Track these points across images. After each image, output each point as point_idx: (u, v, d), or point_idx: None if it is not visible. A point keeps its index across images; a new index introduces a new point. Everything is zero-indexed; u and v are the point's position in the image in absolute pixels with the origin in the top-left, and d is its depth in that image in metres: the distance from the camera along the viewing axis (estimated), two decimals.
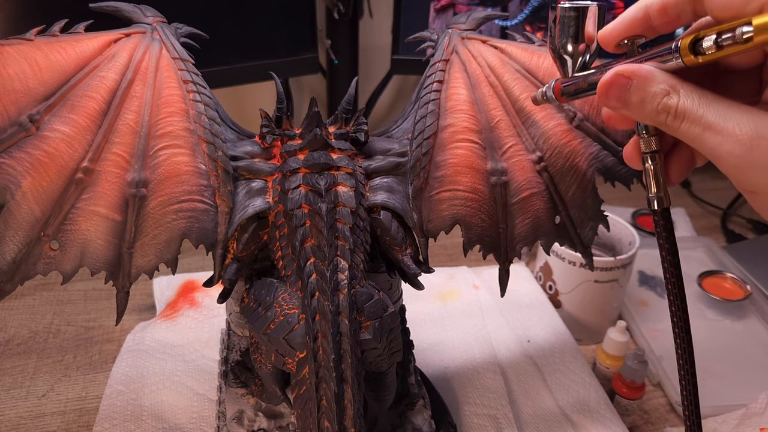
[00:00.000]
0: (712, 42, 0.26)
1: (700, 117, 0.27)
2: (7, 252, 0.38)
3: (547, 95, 0.36)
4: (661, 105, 0.28)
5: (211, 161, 0.40)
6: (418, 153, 0.42)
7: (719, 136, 0.26)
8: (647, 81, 0.28)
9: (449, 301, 0.72)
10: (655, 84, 0.28)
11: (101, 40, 0.40)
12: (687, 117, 0.27)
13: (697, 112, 0.27)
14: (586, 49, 0.34)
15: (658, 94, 0.28)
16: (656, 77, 0.28)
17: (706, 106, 0.27)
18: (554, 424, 0.57)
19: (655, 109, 0.28)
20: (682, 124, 0.28)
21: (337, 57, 0.95)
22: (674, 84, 0.28)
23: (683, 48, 0.27)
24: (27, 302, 0.72)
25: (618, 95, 0.29)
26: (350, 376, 0.36)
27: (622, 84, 0.29)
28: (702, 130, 0.27)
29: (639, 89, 0.29)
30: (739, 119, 0.26)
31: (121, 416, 0.54)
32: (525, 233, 0.44)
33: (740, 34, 0.25)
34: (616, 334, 0.61)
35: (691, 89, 0.28)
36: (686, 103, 0.27)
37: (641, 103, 0.29)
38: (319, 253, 0.38)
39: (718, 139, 0.26)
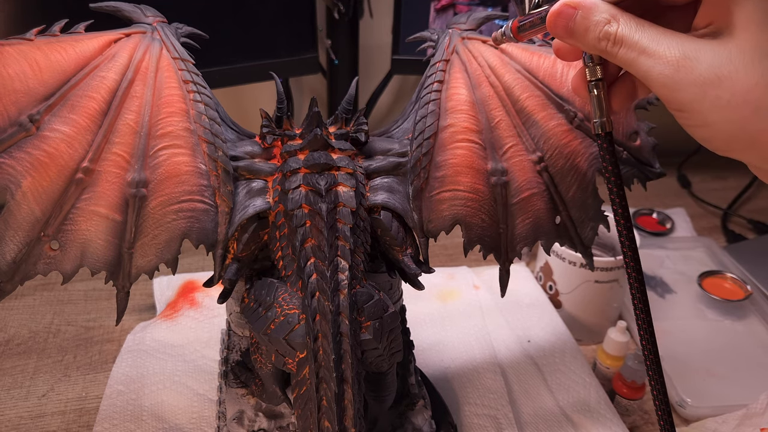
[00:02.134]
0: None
1: (636, 42, 0.30)
2: (7, 252, 0.38)
3: (506, 33, 0.38)
4: (602, 32, 0.31)
5: (211, 161, 0.40)
6: (419, 153, 0.42)
7: (651, 59, 0.29)
8: (591, 10, 0.31)
9: (449, 301, 0.72)
10: (597, 13, 0.31)
11: (101, 40, 0.40)
12: (624, 43, 0.30)
13: (633, 38, 0.30)
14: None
15: (600, 23, 0.31)
16: (599, 7, 0.31)
17: (641, 33, 0.30)
18: (554, 424, 0.57)
19: (597, 36, 0.31)
20: (620, 49, 0.30)
21: (337, 57, 0.95)
22: (615, 13, 0.31)
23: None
24: (27, 302, 0.72)
25: (564, 24, 0.32)
26: (350, 377, 0.36)
27: (569, 14, 0.31)
28: (637, 55, 0.30)
29: (584, 18, 0.31)
30: (669, 43, 0.29)
31: (121, 416, 0.54)
32: (525, 233, 0.44)
33: None
34: (616, 334, 0.61)
35: (629, 18, 0.30)
36: (624, 30, 0.30)
37: (585, 32, 0.31)
38: (319, 254, 0.38)
39: (650, 62, 0.30)
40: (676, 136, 0.46)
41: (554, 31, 0.32)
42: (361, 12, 0.94)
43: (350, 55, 0.97)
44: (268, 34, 0.82)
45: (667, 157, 0.32)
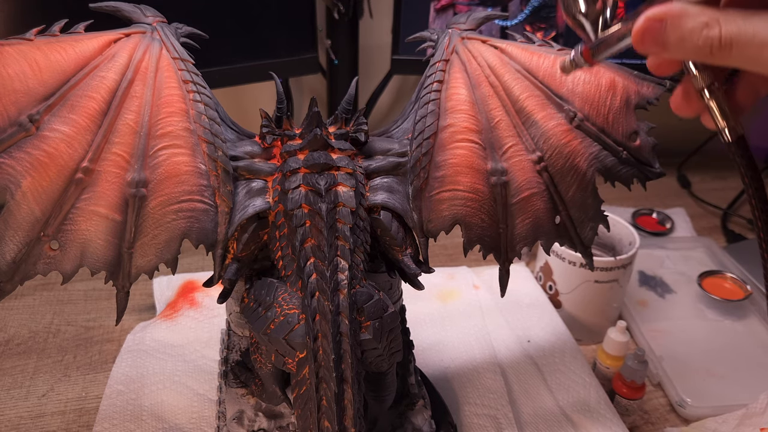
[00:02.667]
0: None
1: (752, 36, 0.25)
2: (7, 252, 0.38)
3: (576, 60, 0.35)
4: (703, 38, 0.26)
5: (211, 161, 0.40)
6: (418, 153, 0.42)
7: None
8: (682, 18, 0.27)
9: (449, 301, 0.72)
10: (691, 19, 0.27)
11: (101, 40, 0.40)
12: (735, 42, 0.26)
13: (746, 32, 0.25)
14: (603, 5, 0.32)
15: (697, 28, 0.27)
16: (690, 11, 0.27)
17: (755, 24, 0.25)
18: (554, 424, 0.57)
19: (698, 44, 0.27)
20: (733, 51, 0.26)
21: (337, 57, 0.95)
22: (711, 14, 0.26)
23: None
24: (27, 302, 0.72)
25: (655, 39, 0.28)
26: (350, 376, 0.36)
27: (657, 29, 0.28)
28: (759, 47, 0.25)
29: (675, 28, 0.27)
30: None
31: (121, 416, 0.54)
32: (525, 233, 0.44)
33: None
34: (616, 334, 0.61)
35: (729, 14, 0.26)
36: (730, 29, 0.26)
37: (681, 42, 0.27)
38: (319, 253, 0.38)
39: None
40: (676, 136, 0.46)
41: (644, 49, 0.29)
42: (361, 12, 0.94)
43: (350, 55, 0.97)
44: (268, 34, 0.82)
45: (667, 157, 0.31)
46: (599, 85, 0.44)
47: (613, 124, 0.44)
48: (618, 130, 0.44)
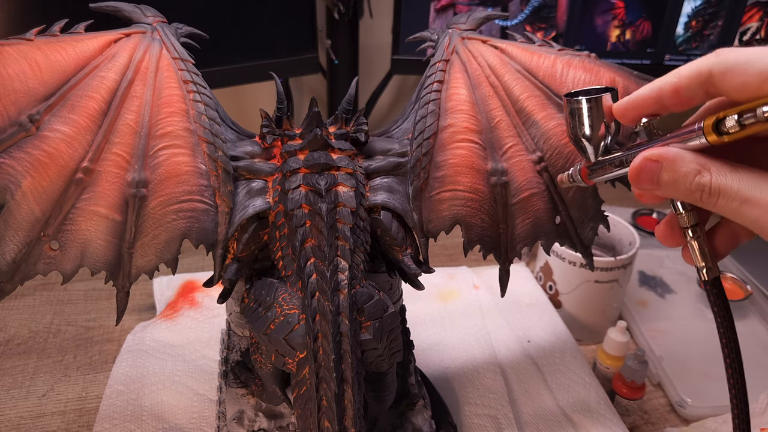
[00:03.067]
0: (735, 122, 0.26)
1: (736, 192, 0.27)
2: (7, 252, 0.38)
3: (574, 178, 0.37)
4: (695, 184, 0.28)
5: (211, 161, 0.40)
6: (419, 153, 0.42)
7: (758, 208, 0.27)
8: (676, 162, 0.29)
9: (449, 301, 0.72)
10: (684, 164, 0.29)
11: (101, 40, 0.40)
12: (722, 193, 0.28)
13: (732, 186, 0.27)
14: (606, 132, 0.34)
15: (690, 174, 0.28)
16: (684, 157, 0.29)
17: (741, 180, 0.27)
18: (554, 424, 0.57)
19: (688, 188, 0.29)
20: (719, 200, 0.28)
21: (337, 57, 0.95)
22: (704, 162, 0.28)
23: (707, 128, 0.27)
24: (27, 302, 0.72)
25: (649, 178, 0.30)
26: (350, 377, 0.36)
27: (652, 169, 0.29)
28: (740, 204, 0.27)
29: (670, 171, 0.29)
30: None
31: (121, 416, 0.54)
32: (525, 233, 0.44)
33: (762, 114, 0.25)
34: (616, 334, 0.61)
35: (721, 165, 0.28)
36: (719, 180, 0.28)
37: (674, 183, 0.29)
38: (319, 254, 0.38)
39: (758, 212, 0.27)
40: None
41: (638, 185, 0.30)
42: (361, 12, 0.94)
43: (350, 55, 0.97)
44: (268, 34, 0.82)
45: None
46: (599, 85, 0.43)
47: None
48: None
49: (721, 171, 0.28)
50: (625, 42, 0.88)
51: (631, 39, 0.87)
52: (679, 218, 0.32)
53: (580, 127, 0.34)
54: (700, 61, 0.28)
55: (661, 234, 0.34)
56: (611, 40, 0.88)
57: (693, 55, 0.88)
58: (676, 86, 0.29)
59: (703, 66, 0.28)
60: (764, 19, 0.86)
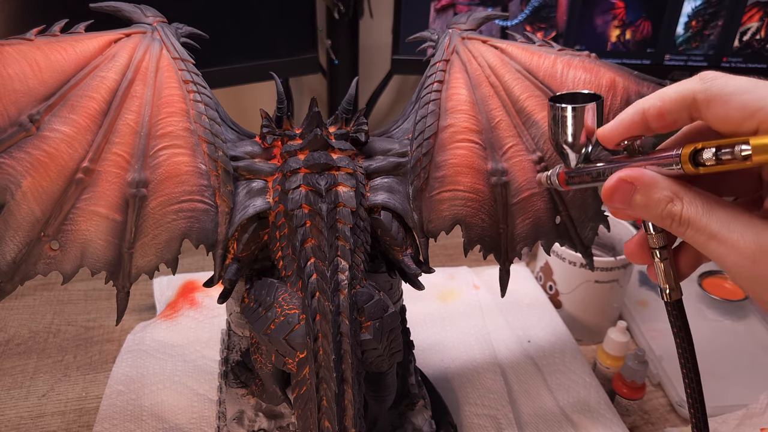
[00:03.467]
0: (712, 155, 0.26)
1: (705, 226, 0.27)
2: (7, 252, 0.38)
3: (552, 181, 0.38)
4: (665, 211, 0.28)
5: (211, 161, 0.40)
6: (419, 153, 0.42)
7: (723, 246, 0.27)
8: (650, 187, 0.29)
9: (449, 301, 0.72)
10: (658, 191, 0.29)
11: (101, 40, 0.40)
12: (691, 225, 0.28)
13: (700, 221, 0.27)
14: (587, 141, 0.34)
15: (662, 201, 0.28)
16: (659, 183, 0.29)
17: (710, 215, 0.27)
18: (554, 424, 0.56)
19: (659, 214, 0.29)
20: (687, 230, 0.28)
21: (337, 57, 0.95)
22: (677, 190, 0.28)
23: (684, 157, 0.27)
24: (27, 302, 0.72)
25: (622, 198, 0.30)
26: (351, 377, 0.36)
27: (626, 189, 0.30)
28: (707, 239, 0.27)
29: (643, 194, 0.29)
30: (743, 231, 0.26)
31: (121, 416, 0.54)
32: (525, 233, 0.44)
33: (738, 152, 0.25)
34: (616, 334, 0.61)
35: (694, 196, 0.28)
36: (690, 211, 0.28)
37: (646, 207, 0.29)
38: (319, 254, 0.38)
39: (722, 250, 0.27)
40: None
41: (611, 204, 0.31)
42: (361, 12, 0.94)
43: (350, 55, 0.97)
44: (268, 34, 0.82)
45: None
46: (599, 85, 0.43)
47: None
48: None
49: (693, 202, 0.28)
50: (625, 42, 0.88)
51: (631, 39, 0.87)
52: (649, 238, 0.32)
53: (562, 134, 0.34)
54: (685, 86, 0.28)
55: (630, 252, 0.34)
56: (611, 40, 0.88)
57: (693, 55, 0.88)
58: (660, 110, 0.29)
59: (688, 91, 0.28)
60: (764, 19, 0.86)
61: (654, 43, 0.87)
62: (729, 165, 0.26)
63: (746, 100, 0.26)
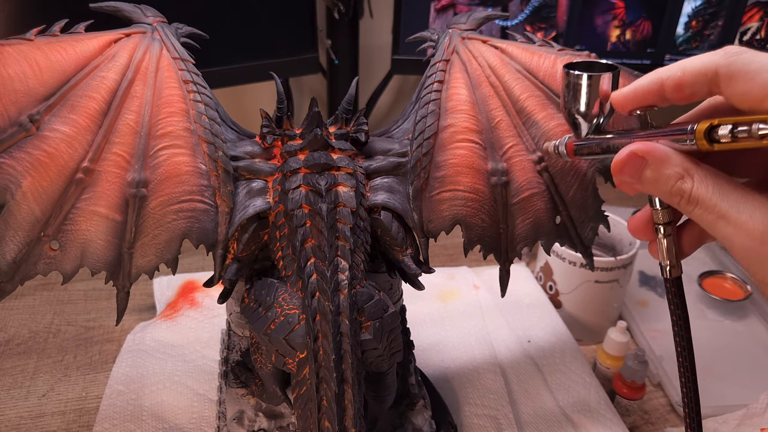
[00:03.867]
0: (728, 131, 0.25)
1: (714, 205, 0.27)
2: (8, 252, 0.38)
3: (559, 150, 0.37)
4: (675, 188, 0.28)
5: (211, 161, 0.40)
6: (419, 153, 0.42)
7: (732, 226, 0.26)
8: (662, 162, 0.28)
9: (449, 301, 0.72)
10: (669, 166, 0.28)
11: (101, 40, 0.40)
12: (700, 203, 0.27)
13: (710, 200, 0.27)
14: (599, 111, 0.34)
15: (672, 177, 0.28)
16: (671, 159, 0.28)
17: (720, 195, 0.27)
18: (554, 424, 0.56)
19: (669, 191, 0.28)
20: (696, 209, 0.28)
21: (337, 57, 0.95)
22: (689, 167, 0.28)
23: (699, 133, 0.27)
24: (27, 302, 0.72)
25: (632, 172, 0.30)
26: (351, 377, 0.36)
27: (637, 164, 0.29)
28: (715, 218, 0.27)
29: (653, 169, 0.29)
30: (753, 212, 0.26)
31: (121, 416, 0.54)
32: (525, 233, 0.44)
33: (756, 130, 0.24)
34: (616, 334, 0.61)
35: (705, 174, 0.28)
36: (700, 190, 0.27)
37: (655, 182, 0.29)
38: (319, 254, 0.38)
39: (730, 229, 0.27)
40: None
41: (620, 177, 0.30)
42: (361, 12, 0.94)
43: (350, 55, 0.97)
44: (268, 34, 0.82)
45: None
46: None
47: (613, 124, 0.44)
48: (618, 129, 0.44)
49: (704, 180, 0.28)
50: (625, 42, 0.88)
51: (631, 39, 0.87)
52: (654, 213, 0.32)
53: (575, 102, 0.34)
54: (707, 58, 0.28)
55: (633, 226, 0.34)
56: (611, 40, 0.88)
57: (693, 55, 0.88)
58: (680, 81, 0.29)
59: (710, 64, 0.27)
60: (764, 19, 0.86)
61: (654, 43, 0.87)
62: (745, 143, 0.25)
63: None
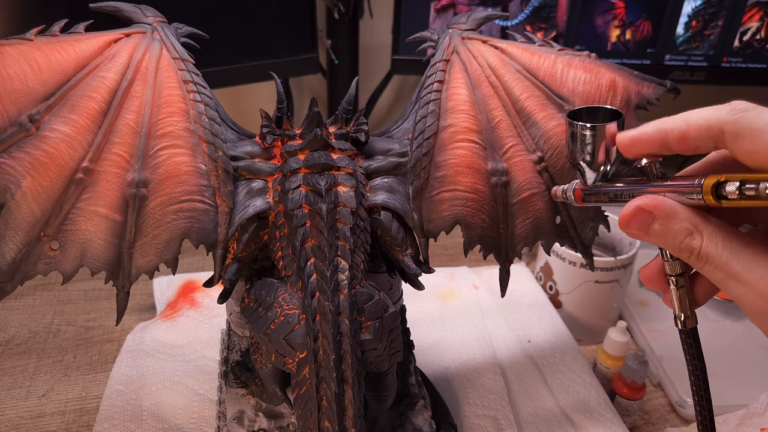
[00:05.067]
0: (736, 188, 0.25)
1: (724, 264, 0.27)
2: (7, 252, 0.38)
3: (567, 195, 0.37)
4: (684, 244, 0.28)
5: (211, 161, 0.40)
6: (419, 153, 0.42)
7: (743, 286, 0.26)
8: (670, 218, 0.28)
9: (449, 301, 0.72)
10: (677, 222, 0.28)
11: (101, 40, 0.40)
12: (710, 261, 0.27)
13: (720, 258, 0.27)
14: (606, 159, 0.33)
15: (681, 233, 0.28)
16: (679, 214, 0.28)
17: (731, 253, 0.27)
18: (554, 424, 0.56)
19: (677, 246, 0.28)
20: (706, 266, 0.27)
21: (337, 57, 0.95)
22: (697, 223, 0.27)
23: (706, 188, 0.26)
24: (27, 302, 0.72)
25: (640, 226, 0.29)
26: (350, 377, 0.36)
27: (644, 218, 0.29)
28: (725, 277, 0.27)
29: (661, 224, 0.28)
30: (764, 272, 0.26)
31: (121, 416, 0.54)
32: (525, 233, 0.44)
33: (764, 189, 0.24)
34: (616, 334, 0.61)
35: (714, 231, 0.27)
36: (710, 247, 0.27)
37: (664, 237, 0.28)
38: (319, 254, 0.38)
39: (741, 289, 0.26)
40: None
41: (627, 230, 0.30)
42: (361, 12, 0.94)
43: (350, 55, 0.97)
44: (268, 34, 0.82)
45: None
46: (600, 85, 0.43)
47: None
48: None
49: (713, 237, 0.27)
50: (625, 42, 0.88)
51: (631, 39, 0.87)
52: (666, 264, 0.32)
53: (580, 152, 0.34)
54: (713, 114, 0.27)
55: (646, 277, 0.33)
56: (611, 40, 0.88)
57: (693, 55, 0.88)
58: (684, 134, 0.28)
59: (715, 121, 0.27)
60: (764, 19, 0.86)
61: (654, 43, 0.87)
62: (753, 201, 0.25)
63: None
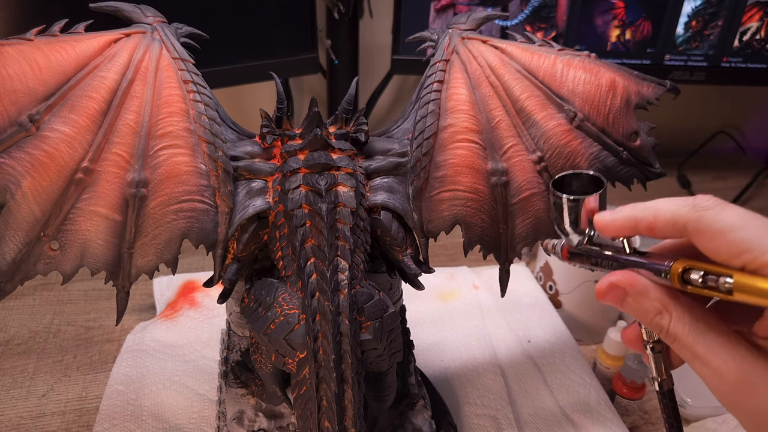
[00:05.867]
0: (699, 277, 0.26)
1: (690, 345, 0.28)
2: (7, 252, 0.38)
3: (556, 251, 0.38)
4: (654, 321, 0.29)
5: (211, 161, 0.40)
6: (419, 153, 0.42)
7: (707, 368, 0.27)
8: (641, 296, 0.29)
9: (449, 301, 0.72)
10: (648, 300, 0.29)
11: (101, 40, 0.40)
12: (677, 341, 0.28)
13: (686, 339, 0.28)
14: (588, 227, 0.34)
15: (651, 311, 0.29)
16: (649, 293, 0.29)
17: (696, 335, 0.28)
18: (554, 424, 0.57)
19: (648, 322, 0.30)
20: (674, 343, 0.29)
21: (337, 57, 0.95)
22: (667, 303, 0.29)
23: (673, 273, 0.27)
24: (27, 302, 0.72)
25: (614, 300, 0.31)
26: (350, 377, 0.36)
27: (618, 293, 0.30)
28: (691, 357, 0.28)
29: (633, 301, 0.30)
30: (726, 357, 0.27)
31: (121, 416, 0.54)
32: (525, 233, 0.44)
33: (723, 283, 0.25)
34: (616, 334, 0.61)
35: (682, 312, 0.28)
36: (677, 328, 0.28)
37: (635, 312, 0.30)
38: (319, 254, 0.38)
39: (706, 371, 0.27)
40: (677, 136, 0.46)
41: (603, 301, 0.31)
42: (361, 12, 0.94)
43: (350, 55, 0.97)
44: (268, 34, 0.82)
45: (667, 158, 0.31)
46: (600, 85, 0.44)
47: (613, 124, 0.44)
48: (618, 131, 0.44)
49: (681, 318, 0.28)
50: (625, 42, 0.88)
51: (631, 39, 0.87)
52: (643, 331, 0.33)
53: (563, 220, 0.35)
54: (677, 209, 0.28)
55: (627, 339, 0.34)
56: (611, 40, 0.88)
57: (693, 55, 0.88)
58: (652, 226, 0.30)
59: (680, 218, 0.28)
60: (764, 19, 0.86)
61: (654, 43, 0.87)
62: (713, 293, 0.26)
63: (733, 240, 0.25)
